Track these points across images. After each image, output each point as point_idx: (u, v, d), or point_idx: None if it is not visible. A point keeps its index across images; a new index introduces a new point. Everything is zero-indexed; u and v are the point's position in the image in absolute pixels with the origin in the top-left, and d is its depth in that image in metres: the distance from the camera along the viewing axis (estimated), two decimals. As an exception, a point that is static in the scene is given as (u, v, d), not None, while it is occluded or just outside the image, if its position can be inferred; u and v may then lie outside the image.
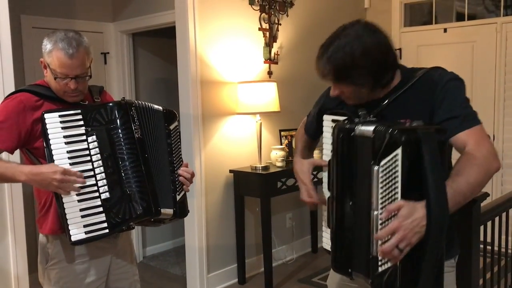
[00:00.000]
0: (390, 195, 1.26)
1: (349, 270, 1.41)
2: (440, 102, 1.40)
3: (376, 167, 1.27)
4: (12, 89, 2.45)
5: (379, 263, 1.27)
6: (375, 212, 1.27)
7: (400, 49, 4.66)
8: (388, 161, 1.25)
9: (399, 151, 1.23)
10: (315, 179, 1.72)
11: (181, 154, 1.99)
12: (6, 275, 2.47)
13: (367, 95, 1.46)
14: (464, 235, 1.83)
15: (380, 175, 1.26)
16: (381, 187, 1.27)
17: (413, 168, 1.24)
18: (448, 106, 1.39)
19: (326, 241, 1.59)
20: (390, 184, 1.26)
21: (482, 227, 2.01)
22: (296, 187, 3.72)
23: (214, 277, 3.66)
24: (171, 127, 1.96)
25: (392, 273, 1.26)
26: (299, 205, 4.37)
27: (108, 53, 4.18)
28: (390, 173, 1.26)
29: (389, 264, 1.26)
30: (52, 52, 1.73)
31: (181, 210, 1.93)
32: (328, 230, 1.53)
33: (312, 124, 1.76)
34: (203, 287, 3.58)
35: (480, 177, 1.31)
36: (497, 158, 1.36)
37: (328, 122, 1.55)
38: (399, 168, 1.24)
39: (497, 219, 2.30)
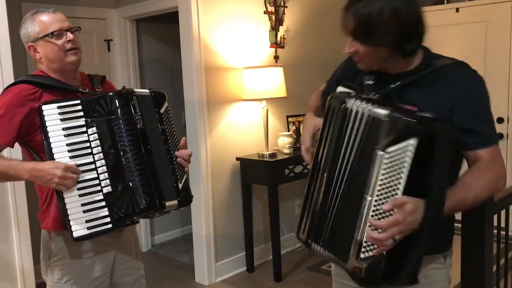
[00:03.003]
0: (391, 184, 1.21)
1: (314, 243, 1.39)
2: (463, 105, 1.32)
3: (381, 153, 1.20)
4: (11, 78, 2.42)
5: (363, 249, 1.24)
6: (369, 198, 1.22)
7: (410, 31, 4.53)
8: (398, 149, 1.19)
9: (413, 141, 1.18)
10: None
11: (176, 137, 1.87)
12: (11, 268, 2.45)
13: (383, 61, 1.37)
14: (477, 224, 1.76)
15: (385, 161, 1.19)
16: (383, 174, 1.20)
17: (421, 161, 1.18)
18: (472, 115, 1.33)
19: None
20: (393, 173, 1.20)
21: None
22: (304, 174, 3.70)
23: (223, 265, 3.63)
24: (162, 110, 1.82)
25: (375, 261, 1.24)
26: (307, 192, 4.31)
27: (111, 40, 4.11)
28: (397, 162, 1.19)
29: (371, 253, 1.24)
30: (34, 20, 1.73)
31: (185, 198, 1.84)
32: None
33: (331, 90, 1.65)
34: (211, 275, 3.56)
35: (483, 196, 1.33)
36: (505, 180, 1.36)
37: (342, 89, 1.47)
38: (408, 160, 1.18)
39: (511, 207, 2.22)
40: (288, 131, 3.93)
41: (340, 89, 1.45)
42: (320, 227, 1.39)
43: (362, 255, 1.24)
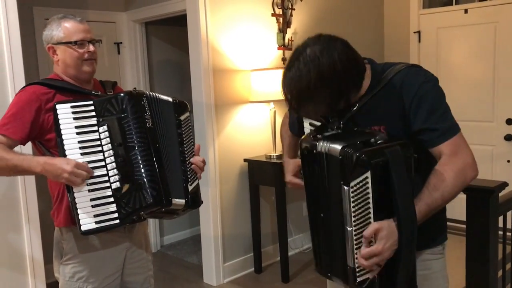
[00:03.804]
0: (363, 213, 1.27)
1: (329, 274, 1.43)
2: (415, 108, 1.36)
3: (346, 188, 1.26)
4: (22, 82, 2.46)
5: (357, 274, 1.30)
6: (349, 228, 1.28)
7: (419, 32, 4.52)
8: (358, 182, 1.25)
9: (368, 174, 1.24)
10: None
11: (193, 144, 1.97)
12: (22, 258, 2.50)
13: (329, 113, 1.42)
14: (482, 226, 1.76)
15: (352, 195, 1.26)
16: (353, 206, 1.26)
17: (383, 185, 1.26)
18: (426, 115, 1.36)
19: None
20: (362, 203, 1.27)
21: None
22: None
23: (230, 266, 3.65)
24: (182, 117, 1.94)
25: (371, 282, 1.31)
26: (315, 193, 4.31)
27: (121, 43, 4.16)
28: (361, 193, 1.26)
29: (365, 276, 1.30)
30: (60, 25, 1.81)
31: (194, 200, 1.89)
32: None
33: (295, 125, 1.75)
34: (219, 276, 3.59)
35: (454, 190, 1.33)
36: (473, 166, 1.36)
37: (307, 125, 1.55)
38: (369, 190, 1.25)
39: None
40: (296, 132, 3.94)
41: (306, 126, 1.51)
42: (323, 258, 1.46)
43: (358, 279, 1.31)
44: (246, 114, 3.69)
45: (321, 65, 1.29)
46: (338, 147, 1.28)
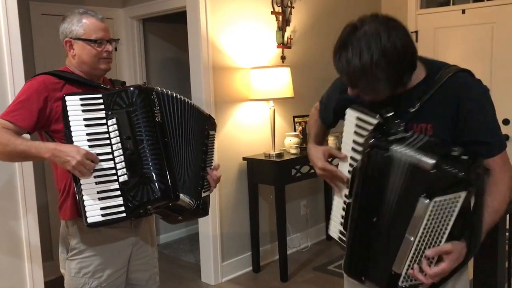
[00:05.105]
0: (438, 228, 1.26)
1: (362, 278, 1.42)
2: (469, 118, 1.34)
3: (427, 201, 1.23)
4: (22, 76, 2.43)
5: (401, 280, 1.32)
6: (412, 238, 1.27)
7: (416, 32, 4.53)
8: (446, 200, 1.23)
9: (463, 194, 1.23)
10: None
11: (213, 159, 2.04)
12: (19, 243, 2.47)
13: (385, 95, 1.38)
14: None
15: (431, 209, 1.23)
16: (428, 220, 1.24)
17: (466, 209, 1.27)
18: (478, 127, 1.34)
19: (334, 229, 1.57)
20: (440, 220, 1.25)
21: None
22: (310, 174, 3.71)
23: (229, 265, 3.63)
24: (211, 132, 2.02)
25: None
26: (313, 193, 4.31)
27: (118, 39, 4.11)
28: (444, 211, 1.24)
29: (411, 283, 1.32)
30: (81, 21, 1.80)
31: (203, 206, 1.92)
32: (337, 219, 1.53)
33: (328, 114, 1.69)
34: (217, 275, 3.56)
35: (503, 206, 1.37)
36: None
37: (352, 118, 1.46)
38: (456, 210, 1.24)
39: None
40: (295, 131, 3.93)
41: (357, 115, 1.44)
42: (360, 261, 1.44)
43: (401, 284, 1.32)
44: (245, 112, 3.67)
45: (383, 41, 1.25)
46: (430, 160, 1.24)
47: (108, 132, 1.71)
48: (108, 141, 1.70)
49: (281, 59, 3.87)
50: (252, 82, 3.55)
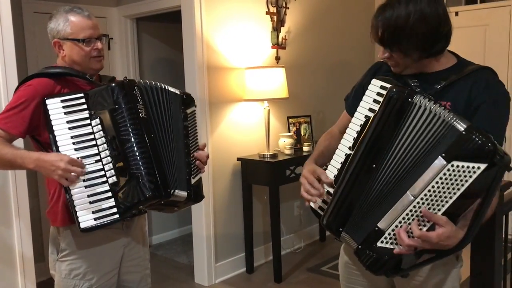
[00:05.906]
0: (440, 197, 1.20)
1: (340, 229, 1.39)
2: (480, 108, 1.35)
3: (444, 162, 1.19)
4: (15, 75, 2.39)
5: (383, 239, 1.27)
6: (412, 197, 1.22)
7: (410, 34, 4.55)
8: (464, 167, 1.18)
9: (483, 166, 1.16)
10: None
11: (197, 138, 1.95)
12: (12, 253, 2.42)
13: (415, 64, 1.41)
14: (487, 225, 1.76)
15: (444, 172, 1.19)
16: (437, 183, 1.20)
17: (478, 184, 1.18)
18: (485, 118, 1.33)
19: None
20: (448, 188, 1.20)
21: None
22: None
23: (222, 266, 3.61)
24: (188, 111, 1.91)
25: (387, 255, 1.28)
26: (307, 193, 4.30)
27: (111, 38, 4.08)
28: (456, 178, 1.19)
29: (391, 246, 1.27)
30: (68, 21, 1.75)
31: (196, 193, 1.86)
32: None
33: (356, 100, 1.58)
34: (211, 276, 3.54)
35: (495, 201, 1.35)
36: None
37: (375, 87, 1.43)
38: (470, 180, 1.17)
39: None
40: (289, 131, 3.92)
41: (381, 83, 1.42)
42: (340, 212, 1.39)
43: (379, 244, 1.27)
44: (240, 112, 3.65)
45: (423, 4, 1.32)
46: (463, 123, 1.21)
47: (93, 133, 1.67)
48: (94, 142, 1.67)
49: (276, 59, 3.87)
50: (247, 83, 3.54)
